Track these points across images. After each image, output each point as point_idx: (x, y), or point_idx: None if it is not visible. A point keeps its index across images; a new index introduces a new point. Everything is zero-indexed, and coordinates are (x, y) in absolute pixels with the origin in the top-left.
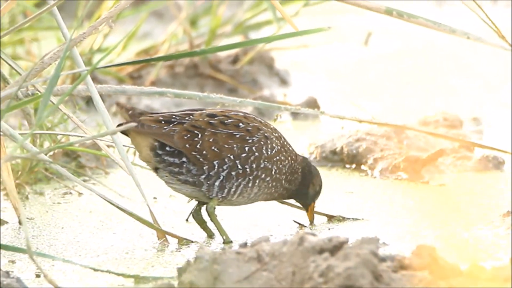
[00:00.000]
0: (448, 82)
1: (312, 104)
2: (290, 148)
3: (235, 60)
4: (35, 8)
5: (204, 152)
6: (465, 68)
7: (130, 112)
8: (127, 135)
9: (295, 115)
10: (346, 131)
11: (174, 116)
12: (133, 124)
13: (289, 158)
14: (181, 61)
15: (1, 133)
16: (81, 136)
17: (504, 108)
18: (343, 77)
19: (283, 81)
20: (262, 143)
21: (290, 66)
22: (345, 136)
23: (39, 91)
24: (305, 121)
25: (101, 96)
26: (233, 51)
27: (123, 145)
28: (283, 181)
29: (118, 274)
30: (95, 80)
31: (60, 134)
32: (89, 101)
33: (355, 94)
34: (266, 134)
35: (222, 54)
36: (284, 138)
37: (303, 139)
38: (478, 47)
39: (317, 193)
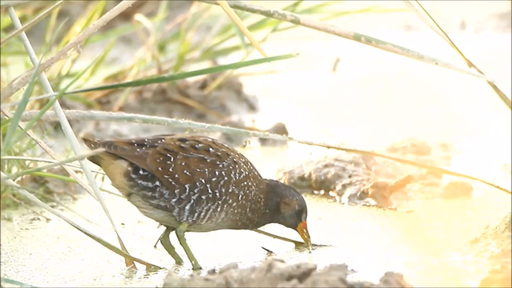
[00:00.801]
0: (417, 108)
1: (281, 130)
2: (256, 173)
3: (203, 85)
4: (4, 33)
5: (176, 175)
6: (434, 94)
7: (98, 143)
8: (99, 164)
9: (263, 141)
10: (314, 157)
11: (146, 140)
12: (102, 149)
13: (255, 184)
14: (150, 86)
15: None
16: (49, 162)
17: (472, 134)
18: (312, 103)
19: (252, 107)
20: (231, 167)
21: (258, 92)
22: (313, 162)
23: (7, 116)
24: (274, 147)
25: (69, 121)
26: (201, 77)
27: (91, 171)
28: (247, 209)
29: None
30: (63, 105)
31: (28, 160)
32: (57, 126)
33: (324, 120)
34: (234, 159)
35: (191, 79)
36: (251, 163)
37: (272, 165)
38: (447, 74)
39: (298, 212)
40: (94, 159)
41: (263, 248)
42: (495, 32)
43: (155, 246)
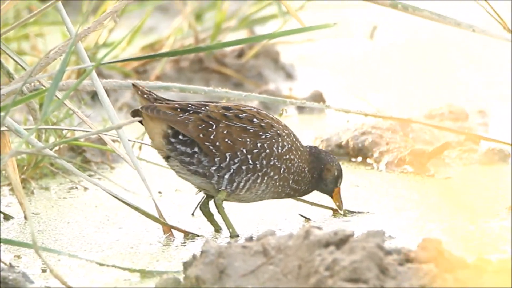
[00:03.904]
0: (454, 75)
1: (318, 98)
2: (299, 144)
3: (240, 54)
4: (40, 3)
5: (217, 143)
6: (471, 61)
7: (146, 95)
8: (141, 122)
9: (300, 109)
10: (351, 125)
11: (190, 105)
12: (138, 118)
13: (297, 156)
14: (186, 55)
15: (6, 128)
16: (87, 131)
17: (510, 101)
18: (349, 71)
19: (289, 75)
20: (274, 140)
21: (295, 60)
22: (350, 130)
23: (44, 86)
24: (311, 115)
25: (106, 91)
26: (238, 46)
27: (129, 140)
28: (290, 181)
29: (124, 269)
30: (100, 75)
31: (66, 129)
32: (94, 96)
33: (361, 88)
34: (278, 132)
35: (227, 48)
36: (294, 135)
37: (309, 133)
38: (484, 40)
39: (336, 177)
40: (136, 112)
41: (301, 215)
42: None
43: (192, 214)
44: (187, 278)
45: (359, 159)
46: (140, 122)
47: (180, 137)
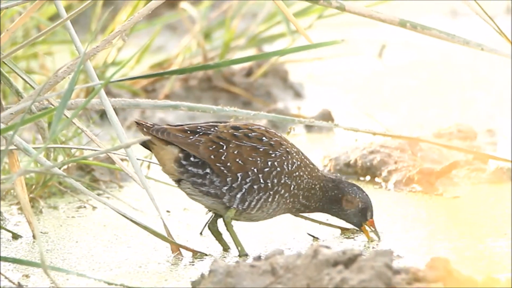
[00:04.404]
0: (463, 94)
1: (326, 116)
2: (309, 162)
3: (249, 73)
4: (49, 22)
5: (228, 164)
6: (480, 80)
7: (150, 127)
8: (149, 149)
9: (309, 127)
10: (360, 144)
11: (199, 127)
12: (147, 137)
13: (306, 173)
14: (195, 74)
15: (15, 147)
16: (95, 150)
17: None
18: (357, 89)
19: (297, 94)
20: (284, 158)
21: (304, 78)
22: (359, 149)
23: (53, 105)
24: (319, 134)
25: (115, 109)
26: (247, 64)
27: (137, 159)
28: (300, 197)
29: None
30: (109, 93)
31: (74, 148)
32: (103, 114)
33: (369, 107)
34: (287, 149)
35: (236, 67)
36: (302, 153)
37: (317, 152)
38: (493, 59)
39: (362, 210)
40: (145, 143)
41: (309, 234)
42: None
43: (201, 233)
44: None
45: (368, 178)
46: (148, 148)
47: (192, 159)
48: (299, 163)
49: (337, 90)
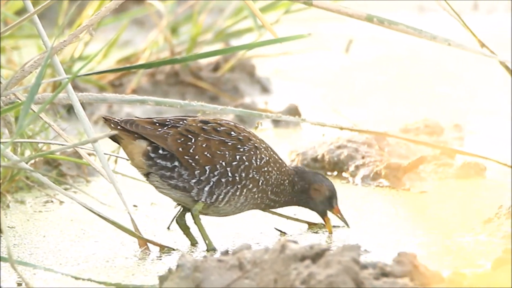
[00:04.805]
0: (430, 90)
1: (294, 111)
2: (277, 158)
3: (216, 67)
4: (16, 16)
5: (196, 156)
6: (448, 75)
7: (118, 122)
8: (118, 143)
9: (276, 122)
10: (327, 139)
11: (168, 120)
12: (115, 132)
13: (275, 169)
14: (162, 69)
15: None
16: (62, 145)
17: (485, 115)
18: (325, 84)
19: (264, 89)
20: (252, 152)
21: (271, 73)
22: (326, 144)
23: (20, 100)
24: (287, 129)
25: (82, 104)
26: (214, 59)
27: (104, 153)
28: (269, 193)
29: (99, 283)
30: (76, 88)
31: (41, 143)
32: (70, 109)
33: (337, 102)
34: (256, 145)
35: (203, 61)
36: (271, 149)
37: (285, 147)
38: (461, 55)
39: (328, 198)
40: (114, 137)
41: (276, 229)
42: (507, 13)
43: (168, 228)
44: None
45: (335, 173)
46: (117, 142)
47: (160, 151)
48: (267, 158)
49: (305, 85)
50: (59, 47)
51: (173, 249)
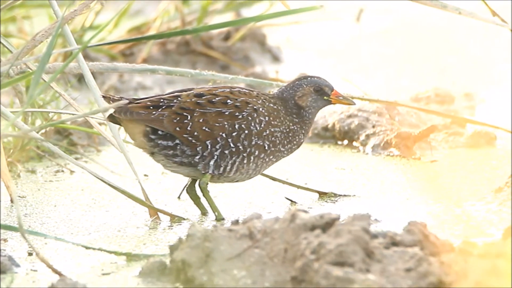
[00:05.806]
0: (441, 59)
1: None
2: (275, 107)
3: (227, 37)
4: None
5: (195, 133)
6: (458, 45)
7: (116, 100)
8: (119, 124)
9: None
10: (337, 108)
11: (162, 100)
12: (126, 101)
13: (279, 124)
14: (173, 38)
15: None
16: (73, 114)
17: (496, 84)
18: (335, 54)
19: (275, 58)
20: (250, 118)
21: (282, 42)
22: (337, 113)
23: (31, 69)
24: None
25: (92, 73)
26: (225, 28)
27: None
28: (281, 148)
29: (110, 252)
30: (86, 57)
31: (52, 112)
32: (81, 78)
33: (347, 71)
34: (255, 107)
35: (214, 31)
36: (265, 97)
37: None
38: (471, 25)
39: (317, 91)
40: (114, 119)
41: (287, 198)
42: None
43: (179, 197)
44: (173, 262)
45: (345, 142)
46: (118, 124)
47: (159, 132)
48: (267, 118)
49: (315, 54)
50: (70, 16)
51: (184, 219)
